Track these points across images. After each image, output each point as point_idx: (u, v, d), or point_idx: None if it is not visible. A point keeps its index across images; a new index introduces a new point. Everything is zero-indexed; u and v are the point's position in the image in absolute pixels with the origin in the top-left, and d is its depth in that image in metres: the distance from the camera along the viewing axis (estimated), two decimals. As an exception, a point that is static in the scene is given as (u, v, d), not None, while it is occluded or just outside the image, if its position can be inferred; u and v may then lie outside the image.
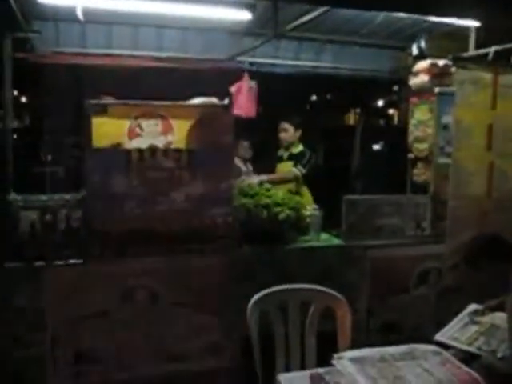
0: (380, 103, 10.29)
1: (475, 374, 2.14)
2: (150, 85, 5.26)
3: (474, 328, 2.83)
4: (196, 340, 3.75)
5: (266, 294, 2.93)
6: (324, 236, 4.32)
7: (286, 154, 5.79)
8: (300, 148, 5.74)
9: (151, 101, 3.66)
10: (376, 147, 9.10)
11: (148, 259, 3.61)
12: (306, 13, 4.57)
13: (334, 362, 2.22)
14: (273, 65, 6.24)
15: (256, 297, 2.89)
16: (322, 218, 4.26)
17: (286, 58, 6.26)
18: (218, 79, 5.69)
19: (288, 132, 5.73)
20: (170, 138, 3.64)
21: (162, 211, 3.63)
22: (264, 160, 7.31)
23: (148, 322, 3.63)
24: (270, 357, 2.89)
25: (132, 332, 3.59)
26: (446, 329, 2.85)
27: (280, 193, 4.17)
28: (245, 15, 4.63)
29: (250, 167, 6.79)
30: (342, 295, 2.98)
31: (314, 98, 10.70)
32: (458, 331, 2.82)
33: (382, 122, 10.44)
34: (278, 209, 3.94)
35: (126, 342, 3.58)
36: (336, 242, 4.25)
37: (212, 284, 3.73)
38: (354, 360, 2.21)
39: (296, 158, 5.68)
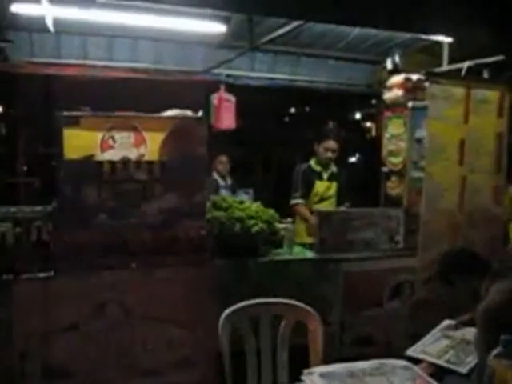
0: (358, 116, 10.36)
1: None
2: (124, 96, 5.22)
3: (444, 342, 2.84)
4: (168, 354, 3.70)
5: (237, 308, 2.90)
6: (297, 249, 4.32)
7: (325, 174, 5.35)
8: (335, 167, 5.40)
9: (125, 112, 3.63)
10: (352, 160, 9.16)
11: (120, 272, 3.56)
12: (281, 26, 4.58)
13: (303, 377, 2.21)
14: (249, 77, 6.25)
15: (227, 311, 2.87)
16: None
17: (261, 71, 6.28)
18: (194, 91, 5.69)
19: (335, 152, 5.32)
20: (142, 150, 3.61)
21: (135, 224, 3.60)
22: (244, 174, 7.34)
23: (119, 336, 3.58)
24: (242, 372, 2.87)
25: (103, 346, 3.54)
26: (418, 344, 2.86)
27: (253, 206, 4.16)
28: (220, 28, 4.64)
29: (230, 181, 6.79)
30: (315, 309, 2.96)
31: (293, 110, 10.75)
32: (428, 345, 2.83)
33: (358, 135, 10.51)
34: (251, 222, 3.93)
35: (97, 357, 3.52)
36: (309, 255, 4.24)
37: (185, 297, 3.69)
38: (323, 375, 2.19)
39: (338, 179, 5.37)
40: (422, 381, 2.21)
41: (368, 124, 9.88)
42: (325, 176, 5.32)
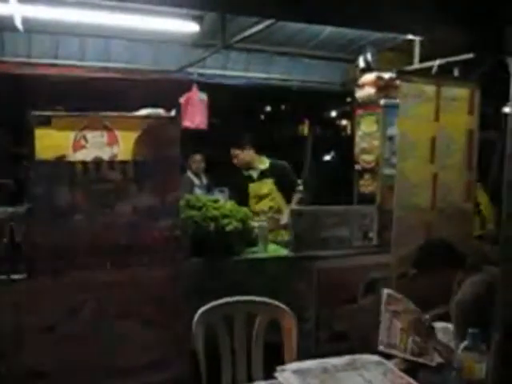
0: (333, 114, 10.42)
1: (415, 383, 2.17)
2: (97, 96, 5.21)
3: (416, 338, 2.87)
4: (144, 354, 3.68)
5: (211, 307, 2.91)
6: (272, 247, 4.33)
7: (254, 173, 5.43)
8: (266, 162, 5.45)
9: (98, 112, 3.61)
10: (327, 158, 9.20)
11: (95, 273, 3.53)
12: (254, 25, 4.59)
13: (276, 374, 2.22)
14: (222, 76, 6.24)
15: (201, 310, 2.88)
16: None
17: (235, 70, 6.27)
18: (167, 90, 5.67)
19: (239, 158, 5.44)
20: (115, 149, 3.59)
21: (108, 224, 3.57)
22: (219, 173, 7.33)
23: (95, 337, 3.55)
24: (217, 369, 2.87)
25: (79, 347, 3.51)
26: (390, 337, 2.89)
27: (228, 204, 4.17)
28: (192, 27, 4.63)
29: (205, 180, 6.79)
30: (291, 306, 2.99)
31: (268, 109, 10.76)
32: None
33: (333, 132, 10.58)
34: (225, 221, 3.94)
35: (73, 358, 3.50)
36: (284, 253, 4.26)
37: (160, 297, 3.68)
38: (296, 372, 2.21)
39: (271, 174, 5.40)
40: (393, 375, 2.24)
41: (344, 122, 9.95)
42: (255, 175, 5.40)
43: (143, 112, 3.86)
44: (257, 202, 5.32)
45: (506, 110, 8.92)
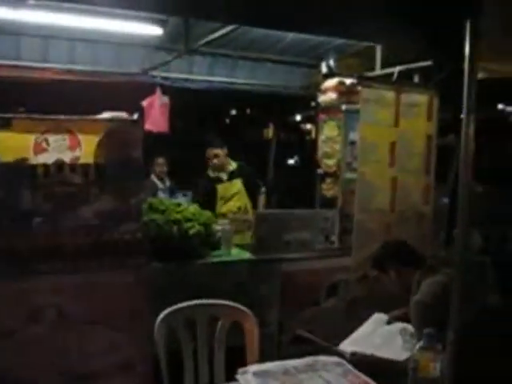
0: (298, 118, 10.49)
1: (373, 383, 2.21)
2: (59, 98, 5.15)
3: (376, 337, 2.93)
4: (108, 358, 3.65)
5: (173, 310, 2.92)
6: (235, 250, 4.35)
7: (223, 175, 5.55)
8: (234, 164, 5.60)
9: (60, 115, 3.58)
10: (291, 162, 9.26)
11: (56, 277, 3.49)
12: (218, 29, 4.61)
13: (238, 376, 2.24)
14: (187, 80, 6.23)
15: (163, 314, 2.88)
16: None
17: (200, 74, 6.26)
18: (130, 93, 5.64)
19: (220, 157, 5.52)
20: (77, 152, 3.58)
21: (70, 227, 3.53)
22: (183, 175, 7.31)
23: (58, 342, 3.52)
24: (180, 373, 2.88)
25: (41, 352, 3.47)
26: (351, 337, 2.95)
27: (191, 208, 4.17)
28: (156, 30, 4.63)
29: (168, 183, 6.78)
30: (254, 309, 3.01)
31: (233, 112, 10.78)
32: (362, 339, 2.92)
33: (298, 137, 10.65)
34: (188, 224, 3.94)
35: (35, 363, 3.45)
36: (247, 256, 4.28)
37: (123, 301, 3.65)
38: (257, 374, 2.23)
39: (239, 174, 5.55)
40: (353, 376, 2.28)
41: (308, 126, 10.02)
42: (224, 177, 5.51)
43: (105, 115, 3.84)
44: (224, 203, 5.41)
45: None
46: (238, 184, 5.49)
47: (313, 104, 7.58)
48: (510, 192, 7.25)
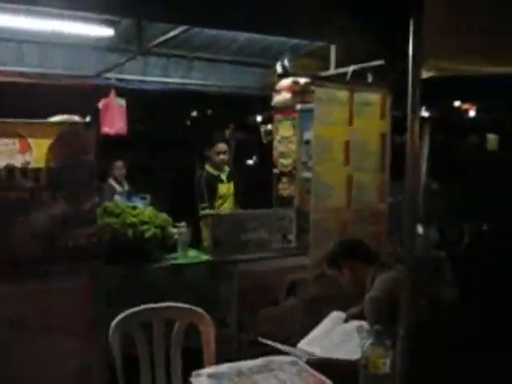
0: (259, 119, 10.49)
1: (328, 381, 2.22)
2: (9, 102, 5.03)
3: (335, 334, 2.95)
4: (64, 365, 3.60)
5: (127, 314, 2.87)
6: (192, 253, 4.32)
7: (223, 175, 5.70)
8: (227, 167, 5.77)
9: (10, 118, 3.50)
10: (249, 162, 9.27)
11: (9, 284, 3.43)
12: (171, 30, 4.58)
13: (192, 379, 2.23)
14: (142, 81, 6.18)
15: (117, 318, 2.84)
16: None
17: (155, 75, 6.22)
18: (84, 96, 5.57)
19: (226, 154, 5.69)
20: (28, 157, 3.51)
21: (23, 233, 3.48)
22: (143, 179, 7.24)
23: (11, 350, 3.45)
24: (137, 378, 2.84)
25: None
26: (309, 336, 2.96)
27: (146, 211, 4.13)
28: (107, 32, 4.58)
29: (127, 187, 6.71)
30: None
31: (193, 114, 10.73)
32: (319, 338, 2.93)
33: (257, 137, 10.63)
34: (144, 227, 3.90)
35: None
36: (204, 258, 4.26)
37: (78, 307, 3.61)
38: (211, 376, 2.22)
39: (232, 178, 5.74)
40: (308, 375, 2.28)
41: (269, 127, 10.01)
42: (223, 177, 5.64)
43: (57, 118, 3.78)
44: (222, 203, 5.57)
45: (424, 113, 9.29)
46: (232, 187, 5.69)
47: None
48: (465, 188, 7.40)
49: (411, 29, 1.95)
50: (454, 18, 2.23)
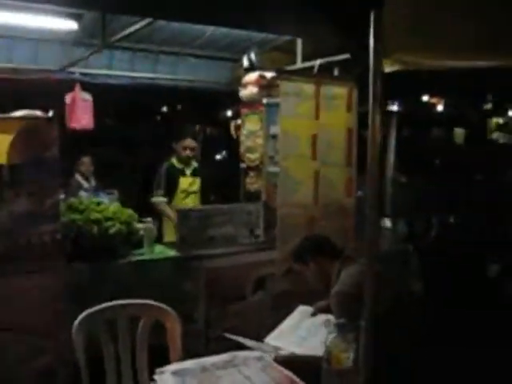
0: (229, 113, 10.46)
1: (294, 377, 2.21)
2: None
3: (301, 329, 2.95)
4: (27, 365, 3.55)
5: (91, 312, 2.83)
6: (159, 248, 4.29)
7: (188, 169, 5.61)
8: (195, 162, 5.71)
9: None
10: (218, 157, 9.25)
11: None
12: (134, 23, 4.51)
13: (155, 377, 2.21)
14: (107, 76, 6.11)
15: (80, 317, 2.79)
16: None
17: (121, 69, 6.15)
18: (48, 91, 5.48)
19: (195, 150, 5.66)
20: (-12, 153, 3.43)
21: (-17, 231, 3.41)
22: (110, 175, 7.17)
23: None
24: (103, 376, 2.81)
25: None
26: (276, 331, 2.95)
27: (111, 207, 4.08)
28: (71, 25, 4.50)
29: (94, 183, 6.63)
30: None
31: (164, 109, 10.66)
32: (287, 332, 2.92)
33: (227, 132, 10.61)
34: (108, 223, 3.85)
35: None
36: (171, 253, 4.23)
37: (42, 305, 3.55)
38: (175, 373, 2.20)
39: (199, 174, 5.67)
40: (273, 370, 2.27)
41: (239, 121, 9.98)
42: (187, 172, 5.56)
43: (18, 113, 3.70)
44: (184, 198, 5.46)
45: (393, 108, 9.35)
46: (198, 183, 5.61)
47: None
48: (432, 182, 7.49)
49: (371, 22, 1.94)
50: (417, 13, 2.24)
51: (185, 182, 5.51)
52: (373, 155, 1.92)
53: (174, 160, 5.56)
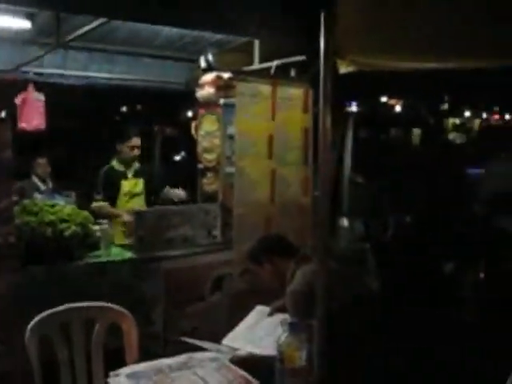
0: (190, 114, 10.44)
1: (249, 376, 2.22)
2: None
3: (258, 329, 2.95)
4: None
5: (44, 316, 2.79)
6: (116, 250, 4.25)
7: (130, 171, 5.43)
8: (137, 163, 5.51)
9: None
10: (177, 158, 9.21)
11: None
12: (87, 23, 4.45)
13: (109, 380, 2.19)
14: (62, 76, 6.01)
15: (33, 321, 2.75)
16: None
17: (76, 69, 6.05)
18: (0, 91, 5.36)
19: (139, 149, 5.43)
20: None
21: None
22: (67, 176, 7.06)
23: None
24: (58, 381, 2.77)
25: None
26: (234, 332, 2.95)
27: (67, 208, 4.03)
28: (23, 24, 4.42)
29: (51, 185, 6.52)
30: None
31: (124, 109, 10.57)
32: (244, 333, 2.93)
33: (187, 132, 10.58)
34: (63, 225, 3.80)
35: None
36: (128, 255, 4.20)
37: (-5, 310, 3.49)
38: (130, 376, 2.19)
39: (142, 174, 5.49)
40: (227, 370, 2.28)
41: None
42: (129, 174, 5.41)
43: (-32, 114, 3.64)
44: (127, 201, 5.31)
45: (351, 108, 9.45)
46: (141, 184, 5.43)
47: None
48: (389, 181, 7.60)
49: (322, 24, 1.96)
50: (372, 14, 2.26)
51: (127, 185, 5.35)
52: (323, 155, 1.93)
53: (114, 162, 5.42)
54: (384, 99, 13.15)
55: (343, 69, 2.69)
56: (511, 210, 6.49)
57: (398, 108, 13.20)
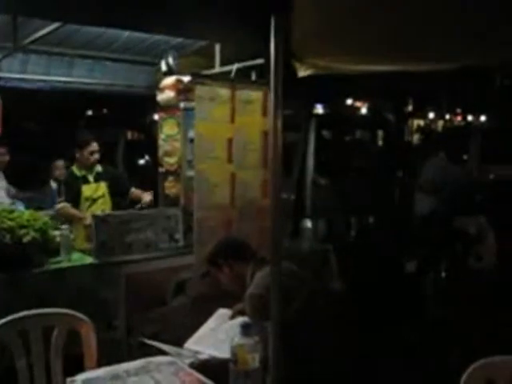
0: (156, 117, 10.39)
1: (206, 380, 2.23)
2: None
3: (219, 333, 2.97)
4: None
5: (2, 323, 2.75)
6: (76, 256, 4.22)
7: (90, 176, 5.38)
8: (100, 167, 5.46)
9: None
10: (141, 162, 9.17)
11: None
12: (45, 27, 4.43)
13: (65, 386, 2.18)
14: (21, 80, 5.94)
15: (-10, 329, 2.71)
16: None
17: (35, 73, 5.98)
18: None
19: (97, 153, 5.38)
20: None
21: None
22: (28, 180, 6.94)
23: None
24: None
25: None
26: (195, 335, 2.96)
27: (26, 214, 3.98)
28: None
29: (13, 190, 6.42)
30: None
31: (89, 113, 10.48)
32: (205, 337, 2.94)
33: (148, 136, 10.55)
34: (22, 231, 3.76)
35: None
36: (89, 260, 4.17)
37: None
38: (85, 382, 2.19)
39: (105, 177, 5.44)
40: (184, 374, 2.29)
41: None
42: (90, 178, 5.37)
43: None
44: (90, 205, 5.27)
45: (314, 110, 9.52)
46: (103, 187, 5.40)
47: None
48: (351, 183, 7.67)
49: (272, 27, 1.98)
50: (327, 18, 2.28)
51: (88, 190, 5.31)
52: (275, 159, 1.96)
53: (74, 168, 5.40)
54: (350, 101, 13.30)
55: (302, 72, 2.72)
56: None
57: (363, 110, 13.36)
